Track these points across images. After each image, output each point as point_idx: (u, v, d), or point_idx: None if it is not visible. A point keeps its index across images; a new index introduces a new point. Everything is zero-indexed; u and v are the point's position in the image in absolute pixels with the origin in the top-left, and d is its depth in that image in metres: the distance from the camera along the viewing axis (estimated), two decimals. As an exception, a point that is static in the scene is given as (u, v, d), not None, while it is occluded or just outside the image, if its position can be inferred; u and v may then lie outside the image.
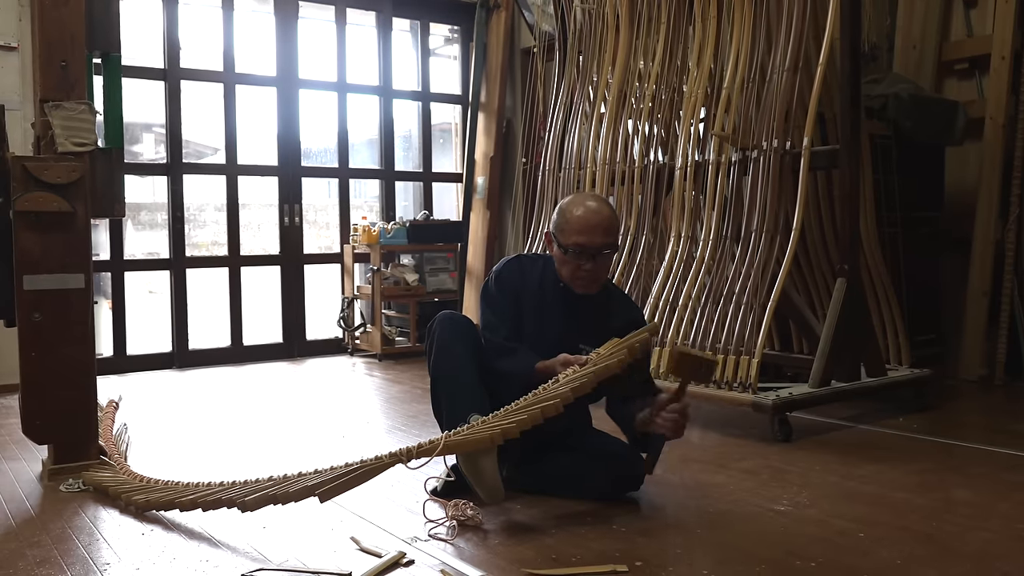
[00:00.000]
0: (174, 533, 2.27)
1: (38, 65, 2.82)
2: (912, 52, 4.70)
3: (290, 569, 1.99)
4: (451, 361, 2.49)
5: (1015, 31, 4.30)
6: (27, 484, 2.78)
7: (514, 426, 2.17)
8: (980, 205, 4.38)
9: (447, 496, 2.40)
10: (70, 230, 2.77)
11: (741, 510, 2.39)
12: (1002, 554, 2.03)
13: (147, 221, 5.74)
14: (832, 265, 3.86)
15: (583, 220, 2.44)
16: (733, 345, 3.36)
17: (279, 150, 5.73)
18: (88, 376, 2.84)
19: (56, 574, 1.99)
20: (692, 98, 3.95)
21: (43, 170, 2.71)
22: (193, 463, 3.02)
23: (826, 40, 3.46)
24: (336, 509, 2.41)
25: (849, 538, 2.15)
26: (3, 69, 4.51)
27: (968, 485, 2.60)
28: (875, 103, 4.11)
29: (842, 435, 3.30)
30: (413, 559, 2.04)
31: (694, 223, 3.86)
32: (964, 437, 3.21)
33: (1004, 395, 4.04)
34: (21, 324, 2.73)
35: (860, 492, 2.54)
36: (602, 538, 2.16)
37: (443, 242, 6.00)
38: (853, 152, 3.43)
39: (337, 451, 3.10)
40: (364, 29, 6.16)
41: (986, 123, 4.39)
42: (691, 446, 3.16)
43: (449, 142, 6.87)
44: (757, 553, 2.05)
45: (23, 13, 4.49)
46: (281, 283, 5.77)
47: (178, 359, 5.34)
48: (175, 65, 5.30)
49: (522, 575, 1.93)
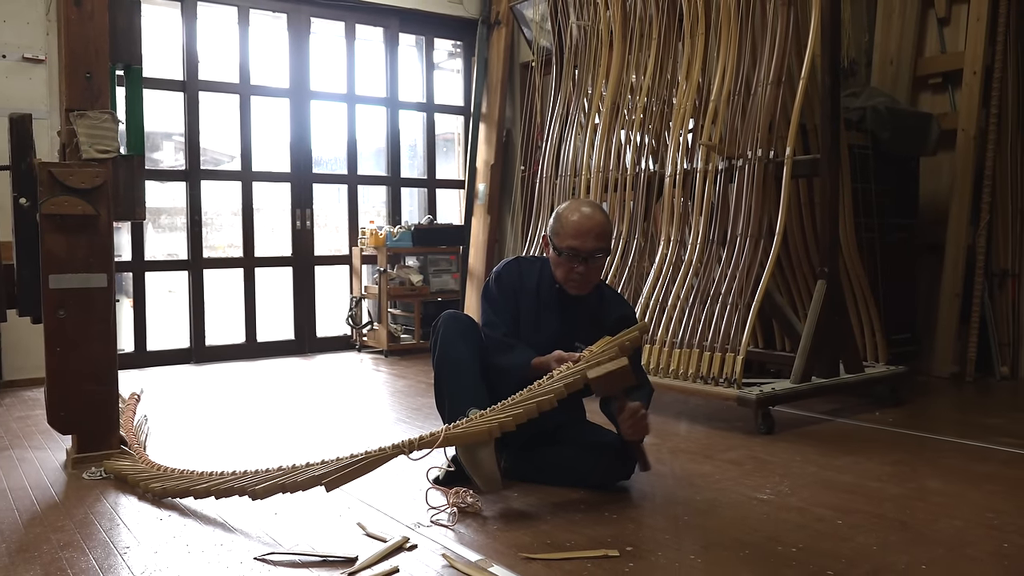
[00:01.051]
0: (190, 519, 2.27)
1: (64, 76, 2.82)
2: (889, 67, 4.71)
3: (300, 553, 1.98)
4: (454, 357, 2.49)
5: (986, 48, 4.31)
6: (52, 472, 2.78)
7: (511, 420, 2.17)
8: (952, 212, 4.39)
9: (448, 485, 2.40)
10: (93, 232, 2.77)
11: (726, 498, 2.39)
12: (972, 541, 2.03)
13: (167, 224, 5.73)
14: (813, 268, 3.86)
15: (577, 225, 2.44)
16: (719, 343, 3.36)
17: (292, 158, 5.73)
18: (110, 370, 2.84)
19: (78, 557, 1.99)
20: (681, 110, 3.95)
21: (68, 175, 2.71)
22: (209, 453, 3.02)
23: (808, 56, 3.46)
24: (343, 497, 2.41)
25: (828, 525, 2.15)
26: (32, 80, 4.51)
27: (940, 475, 2.60)
28: (854, 115, 4.11)
29: (821, 428, 3.30)
30: (416, 544, 2.04)
31: (683, 228, 3.86)
32: (936, 430, 3.21)
33: (974, 391, 4.04)
34: (46, 321, 2.73)
35: (838, 482, 2.54)
36: (595, 524, 2.16)
37: (446, 245, 5.99)
38: (833, 161, 3.44)
39: (345, 442, 3.10)
40: (372, 44, 6.16)
41: (958, 135, 4.39)
42: (679, 438, 3.16)
43: (452, 151, 6.86)
44: (741, 538, 2.05)
45: (50, 28, 4.50)
46: (293, 283, 5.77)
47: (195, 354, 5.34)
48: (194, 77, 5.30)
49: (519, 559, 1.92)
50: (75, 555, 2.00)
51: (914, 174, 4.44)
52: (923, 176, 4.49)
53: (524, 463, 2.54)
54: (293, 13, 5.68)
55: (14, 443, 3.19)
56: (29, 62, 4.50)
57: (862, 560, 1.91)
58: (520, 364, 2.43)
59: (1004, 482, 2.52)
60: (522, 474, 2.53)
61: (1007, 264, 4.32)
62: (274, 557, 1.96)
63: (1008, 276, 4.32)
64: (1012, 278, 4.32)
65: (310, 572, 1.88)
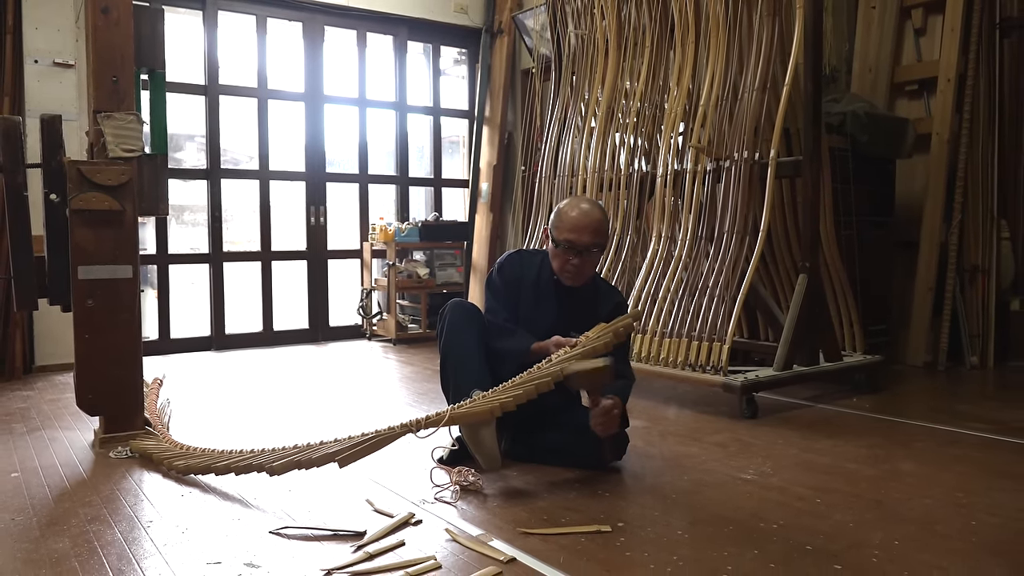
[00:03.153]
0: (210, 495, 2.27)
1: (92, 80, 2.81)
2: (868, 74, 4.69)
3: (312, 527, 1.98)
4: (459, 342, 2.48)
5: (959, 56, 4.29)
6: (80, 451, 2.78)
7: (511, 400, 2.16)
8: (927, 211, 4.38)
9: (452, 464, 2.40)
10: (119, 226, 2.76)
11: (712, 478, 2.39)
12: (942, 519, 2.03)
13: (189, 220, 5.72)
14: (795, 262, 3.85)
15: (575, 220, 2.44)
16: (707, 333, 3.36)
17: (306, 158, 5.72)
18: (135, 356, 2.83)
19: (105, 530, 1.99)
20: (672, 114, 3.93)
21: (96, 173, 2.70)
22: (228, 433, 3.02)
23: (791, 63, 3.45)
24: (354, 474, 2.41)
25: (807, 503, 2.15)
26: (62, 84, 4.49)
27: (913, 458, 2.59)
28: (834, 120, 4.10)
29: (802, 413, 3.30)
30: (421, 519, 2.04)
31: (673, 225, 3.85)
32: (910, 416, 3.20)
33: (946, 379, 4.03)
34: (76, 310, 2.72)
35: (817, 463, 2.54)
36: (588, 502, 2.16)
37: (451, 240, 5.98)
38: (814, 163, 3.43)
39: (356, 423, 3.10)
40: (382, 51, 6.14)
41: (933, 139, 4.37)
42: (668, 421, 3.16)
43: (457, 152, 6.85)
44: (726, 516, 2.05)
45: (79, 34, 4.48)
46: (307, 276, 5.77)
47: (216, 342, 5.34)
48: (215, 82, 5.29)
49: (517, 534, 1.92)
50: (101, 528, 2.00)
51: (891, 175, 4.43)
52: (899, 177, 4.47)
53: (523, 446, 2.54)
54: (308, 21, 5.66)
55: (45, 424, 3.19)
56: (59, 67, 4.49)
57: (839, 536, 1.91)
58: (520, 349, 2.43)
59: (973, 464, 2.52)
60: (521, 455, 2.53)
61: (977, 260, 4.31)
62: (288, 531, 1.96)
63: (978, 272, 4.31)
64: (982, 274, 4.31)
65: (321, 545, 1.88)
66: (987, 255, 4.32)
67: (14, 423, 3.21)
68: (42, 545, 1.89)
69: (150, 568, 1.75)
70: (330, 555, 1.81)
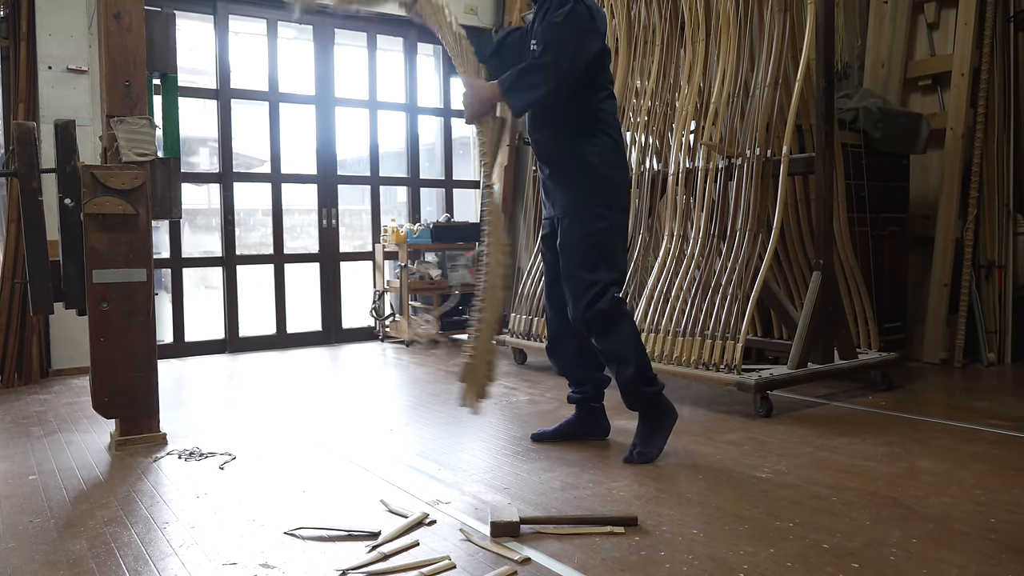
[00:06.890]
0: (225, 496, 2.28)
1: (105, 85, 2.83)
2: (881, 70, 4.66)
3: (327, 528, 1.99)
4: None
5: (973, 51, 4.26)
6: (97, 454, 2.80)
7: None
8: (941, 207, 4.34)
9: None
10: (133, 230, 2.78)
11: (727, 477, 2.37)
12: (961, 517, 2.01)
13: (202, 224, 5.75)
14: (808, 260, 3.83)
15: None
16: (720, 331, 3.34)
17: (318, 161, 5.73)
18: (150, 359, 2.85)
19: (121, 531, 2.00)
20: (683, 112, 3.92)
21: (109, 177, 2.72)
22: (247, 429, 3.03)
23: (803, 59, 3.43)
24: (367, 476, 2.41)
25: (823, 501, 2.13)
26: (76, 90, 4.53)
27: (930, 456, 2.57)
28: (847, 116, 4.08)
29: (817, 411, 3.28)
30: (435, 520, 2.04)
31: (685, 223, 3.83)
32: (926, 413, 3.18)
33: (963, 376, 4.00)
34: (91, 313, 2.74)
35: (833, 461, 2.52)
36: (602, 502, 2.16)
37: (463, 241, 5.98)
38: (827, 159, 3.41)
39: (369, 421, 3.11)
40: (392, 53, 6.15)
41: (947, 134, 4.34)
42: (682, 420, 3.13)
43: (468, 153, 6.85)
44: (741, 514, 2.04)
45: (92, 40, 4.51)
46: (320, 278, 5.78)
47: (230, 345, 5.36)
48: (226, 86, 5.31)
49: (532, 534, 1.92)
50: (118, 530, 2.01)
51: (905, 171, 4.40)
52: (913, 173, 4.44)
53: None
54: (318, 25, 5.68)
55: (62, 427, 3.22)
56: (73, 72, 4.52)
57: (856, 534, 1.89)
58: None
59: (991, 461, 2.50)
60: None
61: (993, 256, 4.27)
62: (303, 532, 1.97)
63: (994, 267, 4.27)
64: (998, 269, 4.27)
65: (336, 546, 1.88)
66: (1003, 250, 4.28)
67: (32, 426, 3.23)
68: (60, 547, 1.91)
69: (166, 569, 1.76)
70: (345, 555, 1.82)
